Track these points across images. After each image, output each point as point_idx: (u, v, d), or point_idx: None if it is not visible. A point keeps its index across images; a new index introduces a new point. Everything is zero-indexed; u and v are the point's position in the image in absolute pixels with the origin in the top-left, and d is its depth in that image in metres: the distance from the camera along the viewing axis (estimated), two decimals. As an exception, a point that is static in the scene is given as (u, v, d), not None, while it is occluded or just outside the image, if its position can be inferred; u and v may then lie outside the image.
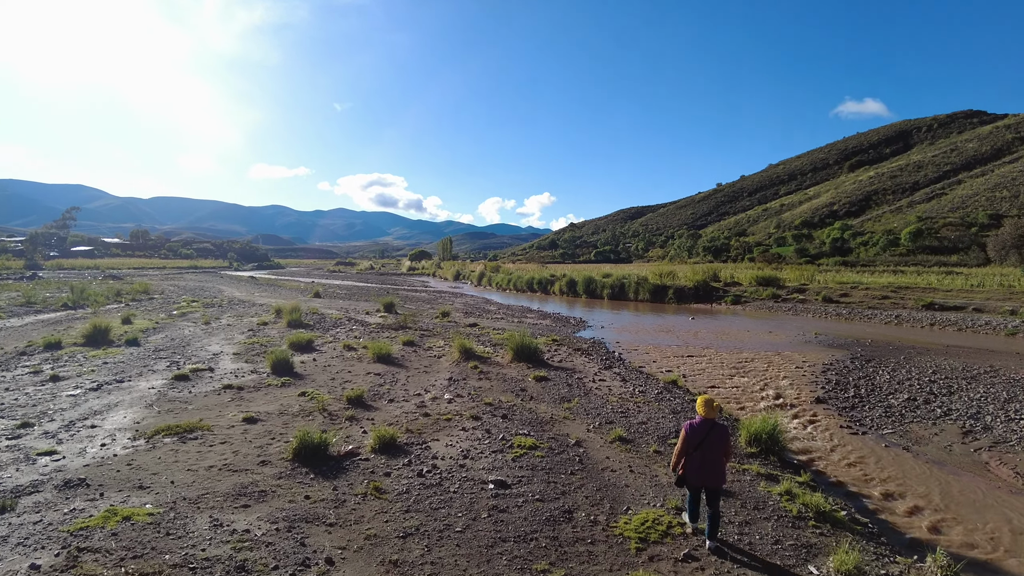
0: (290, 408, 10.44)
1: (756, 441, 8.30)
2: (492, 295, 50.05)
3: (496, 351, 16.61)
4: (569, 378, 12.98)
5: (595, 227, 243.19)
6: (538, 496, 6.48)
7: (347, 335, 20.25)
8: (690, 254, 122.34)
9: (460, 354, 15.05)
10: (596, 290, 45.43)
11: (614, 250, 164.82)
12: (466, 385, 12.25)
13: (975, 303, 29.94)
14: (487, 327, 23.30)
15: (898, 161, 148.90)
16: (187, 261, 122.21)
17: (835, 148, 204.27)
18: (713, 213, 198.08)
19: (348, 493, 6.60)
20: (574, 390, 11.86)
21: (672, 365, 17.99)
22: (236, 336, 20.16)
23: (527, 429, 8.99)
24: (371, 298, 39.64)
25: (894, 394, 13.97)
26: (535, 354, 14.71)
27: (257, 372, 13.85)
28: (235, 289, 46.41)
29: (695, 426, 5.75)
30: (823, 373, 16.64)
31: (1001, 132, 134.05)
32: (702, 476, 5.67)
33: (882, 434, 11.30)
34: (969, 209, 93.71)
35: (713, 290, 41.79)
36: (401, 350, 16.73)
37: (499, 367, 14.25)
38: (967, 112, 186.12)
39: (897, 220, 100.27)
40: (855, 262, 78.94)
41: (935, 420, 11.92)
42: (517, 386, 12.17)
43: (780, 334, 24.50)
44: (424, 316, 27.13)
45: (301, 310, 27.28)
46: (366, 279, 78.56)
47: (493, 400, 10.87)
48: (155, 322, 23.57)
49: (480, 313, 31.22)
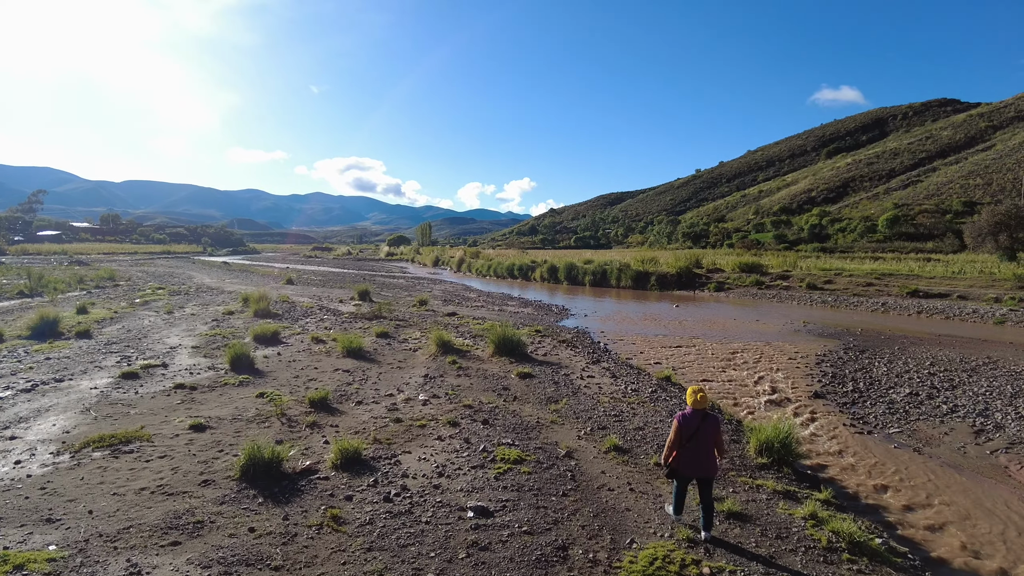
0: (245, 412, 9.32)
1: (767, 450, 7.41)
2: (472, 282, 48.96)
3: (476, 343, 15.59)
4: (555, 375, 12.02)
5: (575, 213, 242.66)
6: (526, 527, 5.49)
7: (317, 326, 19.07)
8: (669, 240, 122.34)
9: (437, 347, 14.01)
10: (577, 277, 44.64)
11: (594, 236, 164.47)
12: (443, 383, 11.23)
13: (959, 290, 29.71)
14: (467, 316, 22.26)
15: (874, 148, 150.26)
16: (160, 246, 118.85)
17: (812, 135, 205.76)
18: (692, 199, 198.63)
19: (301, 524, 5.56)
20: (561, 389, 10.90)
21: (660, 357, 17.18)
22: (198, 327, 18.87)
23: (511, 437, 8.01)
24: (346, 285, 38.30)
25: (895, 388, 13.30)
26: (518, 347, 13.72)
27: (215, 368, 12.68)
28: (205, 276, 44.71)
29: (687, 417, 5.63)
30: (817, 365, 15.95)
31: (974, 120, 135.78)
32: (694, 467, 5.57)
33: (889, 434, 10.57)
34: (944, 196, 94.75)
35: (696, 277, 41.24)
36: (374, 343, 15.62)
37: (480, 362, 13.25)
38: (941, 100, 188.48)
39: (874, 207, 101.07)
40: (833, 248, 79.36)
41: (942, 418, 11.24)
42: (499, 384, 11.18)
43: (768, 323, 23.88)
44: (400, 304, 25.98)
45: (270, 298, 25.96)
46: (343, 265, 76.87)
47: (473, 401, 9.87)
48: (114, 311, 22.12)
49: (460, 301, 30.15)
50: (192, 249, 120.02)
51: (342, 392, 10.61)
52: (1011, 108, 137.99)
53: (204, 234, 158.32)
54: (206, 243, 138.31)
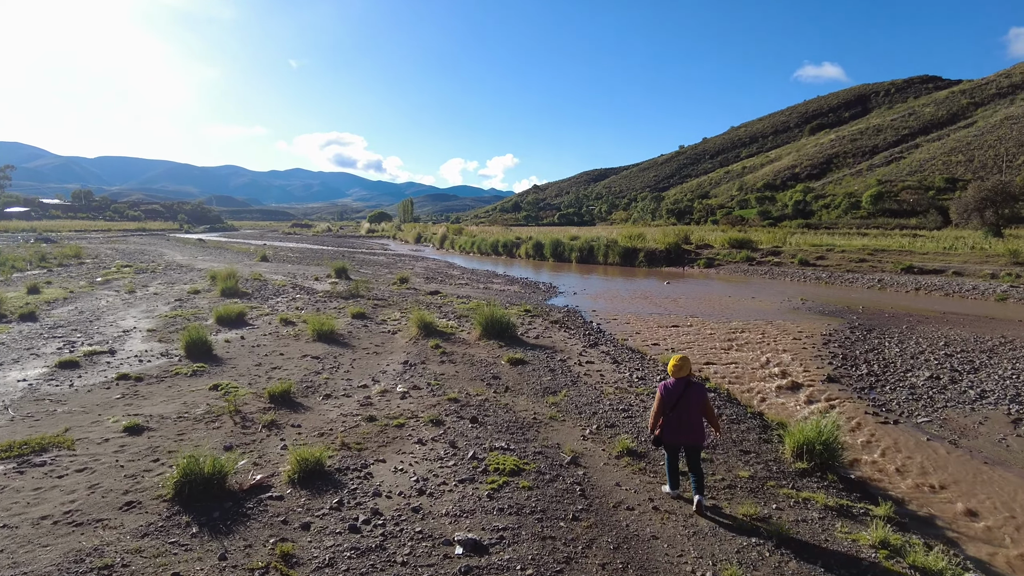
0: (194, 409, 8.00)
1: (808, 454, 6.28)
2: (455, 259, 47.54)
3: (461, 325, 14.32)
4: (550, 360, 10.80)
5: (559, 189, 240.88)
6: (531, 569, 4.27)
7: (288, 306, 17.65)
8: (653, 217, 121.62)
9: (418, 330, 12.72)
10: (564, 253, 43.46)
11: (577, 213, 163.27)
12: (425, 371, 9.97)
13: (953, 266, 29.06)
14: (450, 295, 20.95)
15: (858, 125, 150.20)
16: (134, 223, 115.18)
17: (796, 111, 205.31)
18: (676, 175, 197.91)
19: (242, 566, 4.31)
20: (559, 377, 9.69)
21: (658, 338, 16.10)
22: (159, 307, 17.37)
23: (505, 439, 6.79)
24: (324, 262, 36.69)
25: (913, 371, 12.34)
26: (508, 329, 12.48)
27: (168, 355, 11.31)
28: (178, 253, 42.79)
29: (669, 387, 5.61)
30: (825, 345, 14.98)
31: (956, 97, 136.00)
32: (678, 434, 5.52)
33: (917, 423, 9.58)
34: (927, 173, 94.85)
35: (685, 253, 40.29)
36: (349, 324, 14.28)
37: (465, 346, 11.99)
38: (923, 77, 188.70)
39: (858, 183, 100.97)
40: (818, 225, 79.02)
41: (971, 405, 10.28)
42: (488, 372, 9.94)
43: (765, 300, 22.93)
44: (380, 283, 24.57)
45: (241, 276, 24.44)
46: (322, 242, 74.79)
47: (459, 393, 8.63)
48: (70, 291, 20.48)
49: (443, 279, 28.80)
50: (168, 226, 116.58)
51: (309, 383, 9.31)
52: (992, 85, 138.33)
53: (180, 211, 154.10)
54: (182, 220, 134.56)
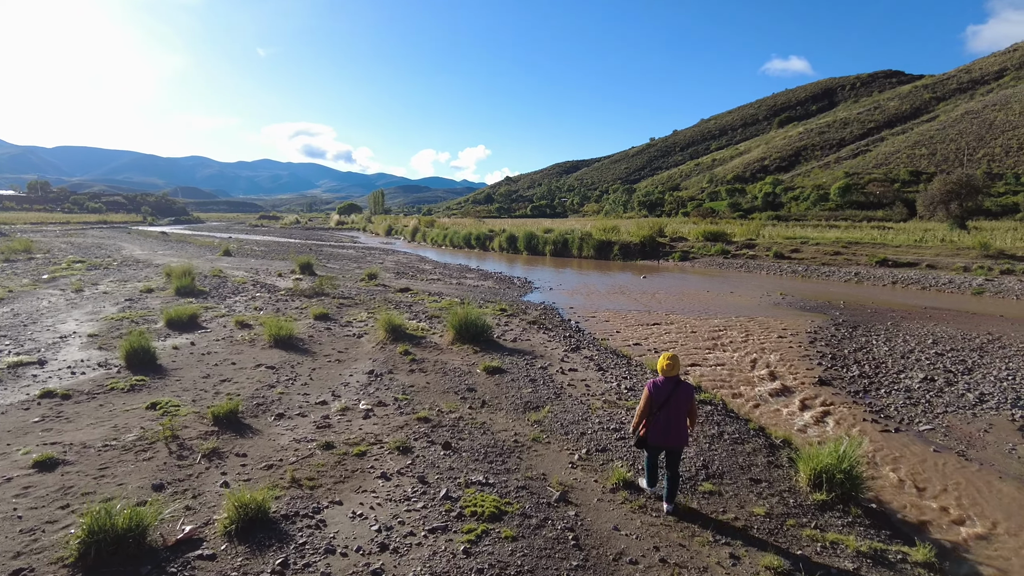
0: (124, 434, 6.94)
1: (828, 483, 5.54)
2: (427, 252, 46.38)
3: (433, 327, 13.37)
4: (530, 368, 9.93)
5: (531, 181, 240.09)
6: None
7: (246, 306, 16.45)
8: (625, 209, 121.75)
9: (386, 333, 11.73)
10: (537, 246, 42.71)
11: (550, 204, 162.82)
12: (393, 383, 9.02)
13: (926, 259, 29.10)
14: (422, 292, 19.94)
15: (825, 118, 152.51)
16: (95, 215, 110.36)
17: (764, 104, 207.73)
18: (647, 168, 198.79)
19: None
20: (540, 388, 8.82)
21: (639, 337, 15.41)
22: (106, 308, 16.01)
23: (483, 471, 5.92)
24: (289, 256, 35.22)
25: (906, 372, 11.84)
26: (483, 332, 11.58)
27: (107, 366, 10.15)
28: (138, 247, 40.71)
29: (659, 385, 5.40)
30: (811, 344, 14.46)
31: (919, 92, 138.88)
32: (665, 437, 5.32)
33: (920, 431, 9.02)
34: (892, 166, 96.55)
35: (660, 246, 39.91)
36: (310, 327, 13.20)
37: (437, 351, 11.06)
38: (887, 72, 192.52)
39: (826, 175, 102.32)
40: (787, 217, 79.78)
41: (972, 409, 9.78)
42: (462, 383, 9.04)
43: (744, 295, 22.47)
44: (347, 279, 23.40)
45: (199, 273, 23.04)
46: (290, 234, 72.75)
47: (430, 410, 7.72)
48: (8, 290, 18.89)
49: (414, 273, 27.74)
50: (131, 219, 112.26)
51: (261, 400, 8.28)
52: (953, 80, 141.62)
53: (144, 203, 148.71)
54: (146, 212, 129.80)
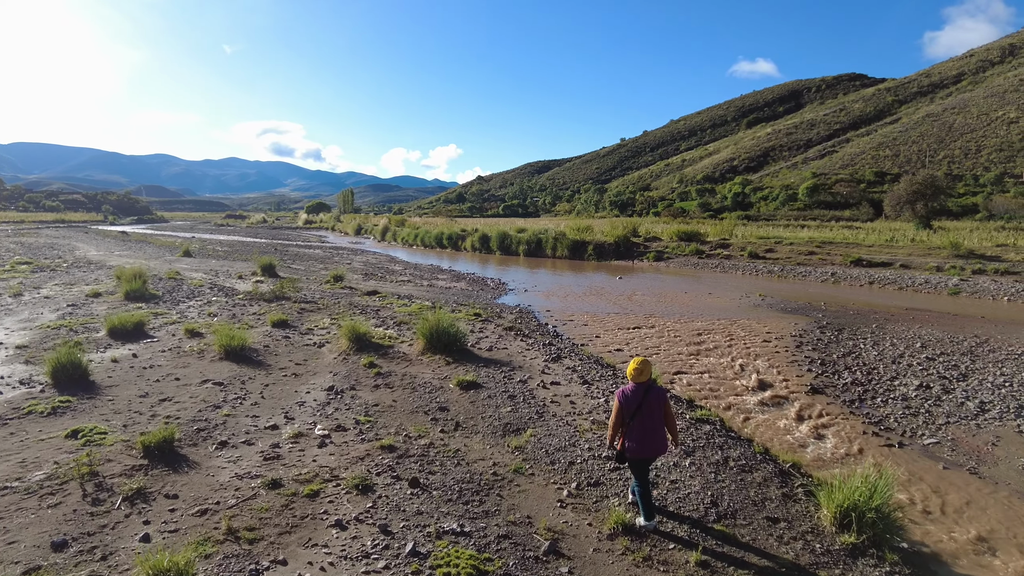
0: (32, 471, 5.85)
1: (858, 523, 4.79)
2: (397, 252, 45.17)
3: (402, 334, 12.39)
4: (508, 381, 9.02)
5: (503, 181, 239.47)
6: None
7: (200, 311, 15.22)
8: (597, 209, 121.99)
9: (350, 343, 10.73)
10: (511, 246, 41.92)
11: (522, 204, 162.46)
12: (355, 401, 8.04)
13: (900, 259, 29.12)
14: (390, 294, 18.90)
15: (792, 119, 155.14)
16: (52, 214, 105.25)
17: (733, 105, 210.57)
18: (617, 168, 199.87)
19: None
20: (521, 406, 7.92)
21: (620, 342, 14.69)
22: (44, 315, 14.62)
23: (458, 514, 5.01)
24: (253, 257, 33.69)
25: (900, 379, 11.32)
26: (456, 341, 10.65)
27: (31, 383, 8.97)
28: (93, 247, 38.54)
29: (628, 394, 5.12)
30: (798, 348, 13.92)
31: (882, 94, 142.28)
32: (642, 447, 5.02)
33: (925, 446, 8.44)
34: (858, 166, 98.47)
35: (634, 246, 39.49)
36: (267, 336, 12.10)
37: (406, 362, 10.09)
38: (851, 75, 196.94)
39: (794, 176, 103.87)
40: (756, 216, 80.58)
41: (975, 420, 9.25)
42: (433, 400, 8.10)
43: (722, 296, 21.98)
44: (312, 280, 22.19)
45: (154, 275, 21.60)
46: (256, 234, 70.56)
47: (396, 435, 6.78)
48: (-67, 295, 17.31)
49: (383, 274, 26.63)
50: (91, 218, 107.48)
51: (203, 424, 7.23)
52: (914, 84, 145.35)
53: (106, 201, 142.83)
54: (107, 211, 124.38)
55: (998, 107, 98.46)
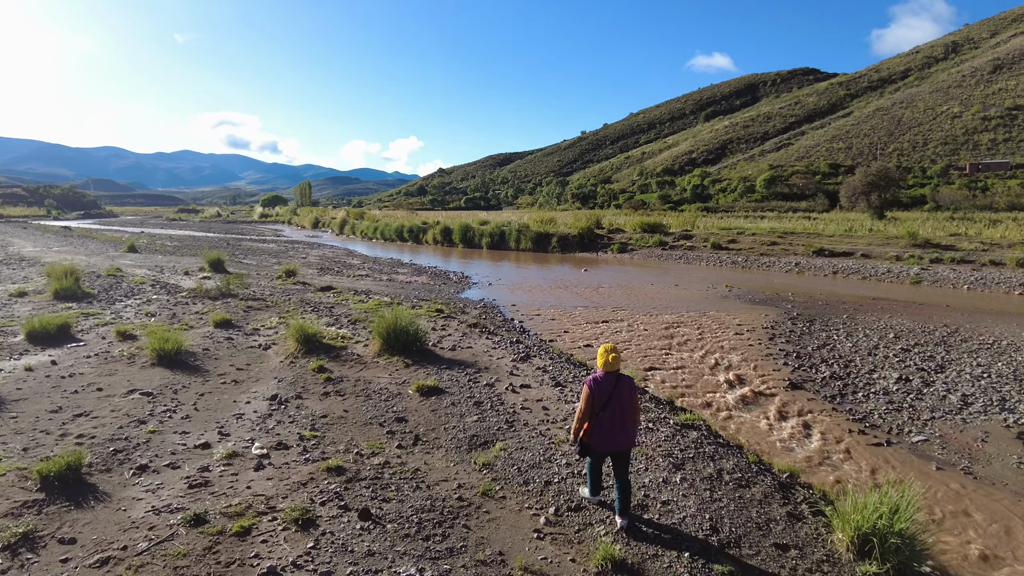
0: None
1: (880, 549, 4.18)
2: (356, 245, 43.76)
3: (357, 333, 11.45)
4: (474, 385, 8.20)
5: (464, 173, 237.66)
6: None
7: (137, 311, 13.89)
8: (559, 201, 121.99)
9: (298, 344, 9.75)
10: (474, 239, 41.07)
11: (484, 197, 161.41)
12: (300, 412, 7.13)
13: (860, 249, 29.42)
14: (346, 290, 17.84)
15: (749, 112, 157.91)
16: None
17: (691, 99, 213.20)
18: (578, 160, 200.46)
19: None
20: (489, 415, 7.11)
21: (589, 337, 14.07)
22: (-47, 318, 13.08)
23: (417, 553, 4.18)
24: (203, 252, 31.94)
25: (878, 372, 10.99)
26: (416, 340, 9.78)
27: (-84, 400, 7.73)
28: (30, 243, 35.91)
29: (599, 381, 4.78)
30: (771, 340, 13.55)
31: (835, 89, 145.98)
32: (611, 439, 4.75)
33: (913, 443, 8.04)
34: (813, 158, 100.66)
35: (598, 238, 39.16)
36: (208, 337, 11.00)
37: (360, 365, 9.19)
38: (804, 69, 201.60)
39: (751, 168, 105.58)
40: (716, 208, 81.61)
41: (960, 415, 8.91)
42: (390, 409, 7.25)
43: (689, 288, 21.63)
44: (263, 276, 20.90)
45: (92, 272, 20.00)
46: (209, 228, 67.63)
47: (345, 454, 5.91)
48: None
49: (340, 269, 25.43)
50: (32, 212, 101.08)
51: (122, 443, 6.22)
52: (864, 79, 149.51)
53: (49, 195, 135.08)
54: (50, 205, 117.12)
55: (943, 102, 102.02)
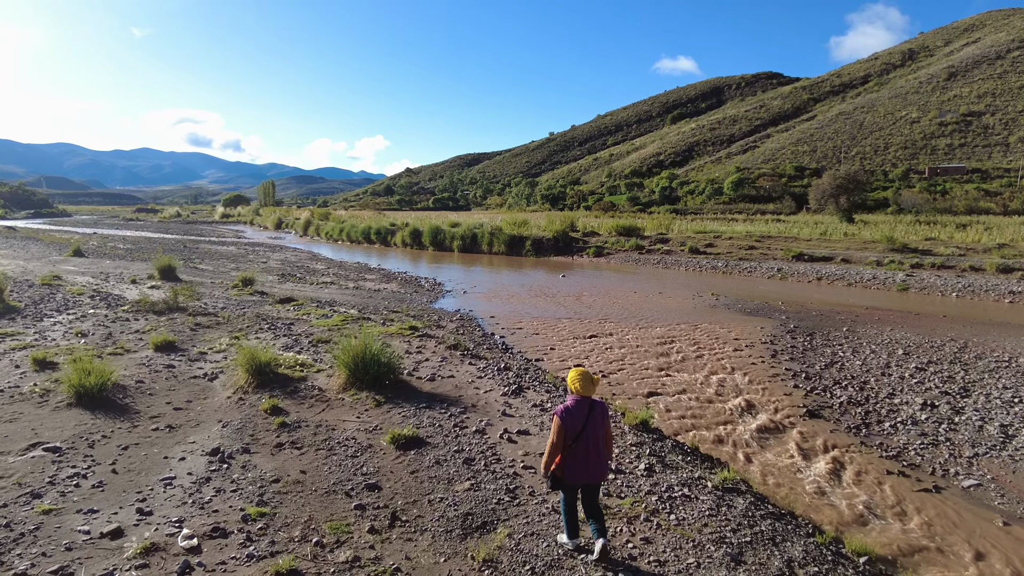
0: None
1: None
2: (321, 248, 41.86)
3: (319, 358, 9.97)
4: (461, 433, 6.79)
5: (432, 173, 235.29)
6: None
7: (67, 330, 12.04)
8: (528, 202, 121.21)
9: (248, 376, 8.26)
10: (444, 241, 39.69)
11: (452, 197, 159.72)
12: (247, 475, 5.68)
13: (839, 253, 29.03)
14: (308, 301, 16.24)
15: (715, 115, 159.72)
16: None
17: (658, 101, 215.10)
18: (547, 161, 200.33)
19: None
20: (484, 479, 5.63)
21: (578, 354, 12.88)
22: None
23: None
24: (157, 255, 29.74)
25: (898, 396, 10.03)
26: (390, 372, 8.38)
27: None
28: (-40, 245, 33.02)
29: (571, 410, 4.33)
30: (773, 358, 12.56)
31: (798, 93, 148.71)
32: (585, 472, 4.35)
33: (965, 488, 7.03)
34: (779, 161, 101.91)
35: (573, 241, 38.19)
36: (144, 365, 9.38)
37: (322, 404, 7.76)
38: (768, 73, 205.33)
39: (718, 170, 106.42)
40: (684, 210, 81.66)
41: (1005, 450, 7.94)
42: (359, 471, 5.81)
43: (674, 296, 20.67)
44: (218, 285, 19.09)
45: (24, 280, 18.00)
46: (167, 229, 64.39)
47: (302, 545, 4.49)
48: None
49: (303, 275, 23.74)
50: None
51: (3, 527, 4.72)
52: (827, 83, 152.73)
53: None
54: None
55: (902, 107, 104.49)
